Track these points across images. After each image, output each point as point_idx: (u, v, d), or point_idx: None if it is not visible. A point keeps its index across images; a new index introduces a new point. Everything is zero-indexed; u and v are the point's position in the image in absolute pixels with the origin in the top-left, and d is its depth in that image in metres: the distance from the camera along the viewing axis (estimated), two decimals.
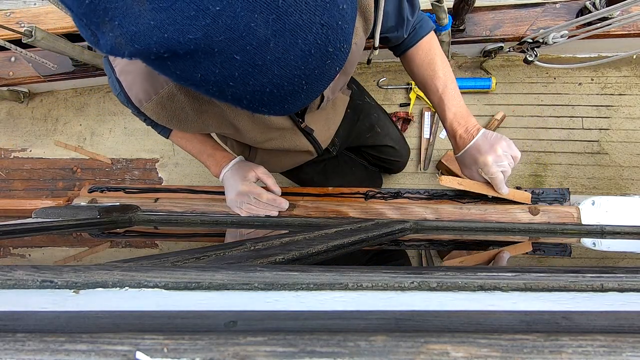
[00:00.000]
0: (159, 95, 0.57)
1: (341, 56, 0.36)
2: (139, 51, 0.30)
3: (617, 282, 0.25)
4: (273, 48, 0.31)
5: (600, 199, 0.67)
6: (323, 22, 0.32)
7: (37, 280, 0.24)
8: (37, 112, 1.71)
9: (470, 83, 1.39)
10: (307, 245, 0.41)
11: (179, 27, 0.28)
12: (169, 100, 0.58)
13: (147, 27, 0.28)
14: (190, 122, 0.64)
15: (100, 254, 0.55)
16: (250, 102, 0.37)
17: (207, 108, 0.62)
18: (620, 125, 1.35)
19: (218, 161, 0.81)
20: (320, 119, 0.83)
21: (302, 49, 0.32)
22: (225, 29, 0.29)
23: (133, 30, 0.28)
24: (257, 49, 0.30)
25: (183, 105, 0.59)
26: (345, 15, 0.33)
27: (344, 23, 0.34)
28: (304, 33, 0.31)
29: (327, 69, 0.36)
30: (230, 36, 0.29)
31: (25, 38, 1.05)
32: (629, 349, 0.16)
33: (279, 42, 0.31)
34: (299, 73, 0.34)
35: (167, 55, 0.30)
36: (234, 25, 0.28)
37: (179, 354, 0.15)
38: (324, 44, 0.33)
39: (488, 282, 0.25)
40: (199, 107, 0.61)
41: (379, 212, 0.74)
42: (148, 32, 0.28)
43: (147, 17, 0.28)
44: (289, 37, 0.31)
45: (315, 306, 0.22)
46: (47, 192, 1.66)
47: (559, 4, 1.20)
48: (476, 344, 0.16)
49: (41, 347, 0.15)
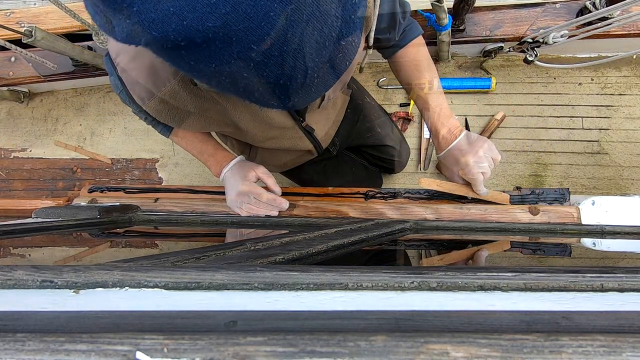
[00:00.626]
0: (162, 93, 0.57)
1: (352, 50, 0.36)
2: (156, 39, 0.29)
3: (617, 282, 0.25)
4: (290, 39, 0.31)
5: (600, 199, 0.67)
6: (338, 14, 0.32)
7: (37, 280, 0.24)
8: (37, 112, 1.71)
9: (470, 83, 1.39)
10: (307, 245, 0.41)
11: (199, 15, 0.28)
12: (171, 98, 0.58)
13: (167, 14, 0.28)
14: (192, 120, 0.64)
15: (100, 254, 0.55)
16: (261, 95, 0.37)
17: (209, 106, 0.62)
18: (620, 125, 1.35)
19: (219, 161, 0.81)
20: (321, 118, 0.84)
21: (317, 41, 0.32)
22: (245, 18, 0.28)
23: (152, 17, 0.28)
24: (274, 40, 0.30)
25: (185, 102, 0.59)
26: (357, 10, 0.34)
27: (356, 17, 0.34)
28: (320, 24, 0.31)
29: (339, 62, 0.36)
30: (249, 25, 0.29)
31: (25, 38, 1.05)
32: (629, 349, 0.16)
33: (296, 33, 0.31)
34: (313, 65, 0.34)
35: (184, 43, 0.30)
36: (253, 14, 0.28)
37: (179, 354, 0.15)
38: (337, 36, 0.33)
39: (488, 282, 0.25)
40: (201, 105, 0.61)
41: (379, 212, 0.74)
42: (167, 19, 0.28)
43: (166, 4, 0.27)
44: (305, 28, 0.31)
45: (315, 306, 0.22)
46: (47, 192, 1.66)
47: (559, 4, 1.20)
48: (476, 344, 0.16)
49: (41, 347, 0.15)
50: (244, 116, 0.66)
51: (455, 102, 1.44)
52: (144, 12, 0.28)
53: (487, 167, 0.67)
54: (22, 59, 1.46)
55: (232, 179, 0.78)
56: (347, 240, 0.47)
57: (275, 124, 0.71)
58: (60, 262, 0.48)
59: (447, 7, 1.08)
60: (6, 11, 1.40)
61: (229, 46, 0.30)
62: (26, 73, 1.48)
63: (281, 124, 0.72)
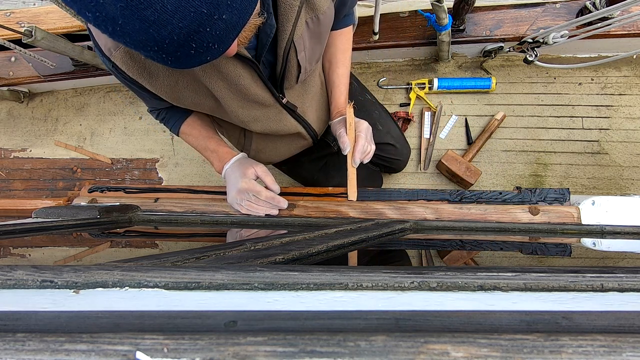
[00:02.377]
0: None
1: (226, 9, 0.40)
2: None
3: (617, 282, 0.25)
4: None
5: (600, 199, 0.67)
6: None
7: (37, 280, 0.24)
8: (37, 112, 1.71)
9: (470, 83, 1.39)
10: (307, 245, 0.41)
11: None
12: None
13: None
14: (161, 78, 0.65)
15: (100, 254, 0.55)
16: (155, 52, 0.41)
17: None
18: (620, 125, 1.35)
19: (221, 157, 0.83)
20: (303, 94, 0.84)
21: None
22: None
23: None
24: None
25: None
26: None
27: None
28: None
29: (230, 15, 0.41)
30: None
31: (25, 38, 1.05)
32: (629, 349, 0.16)
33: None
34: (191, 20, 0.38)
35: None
36: None
37: (179, 354, 0.15)
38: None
39: (488, 282, 0.25)
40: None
41: (379, 212, 0.74)
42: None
43: None
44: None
45: (315, 306, 0.22)
46: (47, 192, 1.66)
47: (559, 4, 1.20)
48: (476, 344, 0.16)
49: (41, 347, 0.15)
50: (217, 83, 0.67)
51: (455, 102, 1.44)
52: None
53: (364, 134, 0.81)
54: (22, 59, 1.46)
55: (232, 176, 0.79)
56: (347, 240, 0.47)
57: (252, 97, 0.72)
58: (60, 262, 0.48)
59: (447, 7, 1.08)
60: (6, 11, 1.40)
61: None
62: (26, 73, 1.48)
63: (259, 98, 0.72)
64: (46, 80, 1.48)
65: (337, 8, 0.73)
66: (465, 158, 1.36)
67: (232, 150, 0.84)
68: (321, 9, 0.65)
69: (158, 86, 0.66)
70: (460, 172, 1.32)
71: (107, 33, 0.39)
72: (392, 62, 1.49)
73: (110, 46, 0.59)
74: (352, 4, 0.80)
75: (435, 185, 1.45)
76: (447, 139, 1.44)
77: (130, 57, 0.60)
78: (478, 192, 0.75)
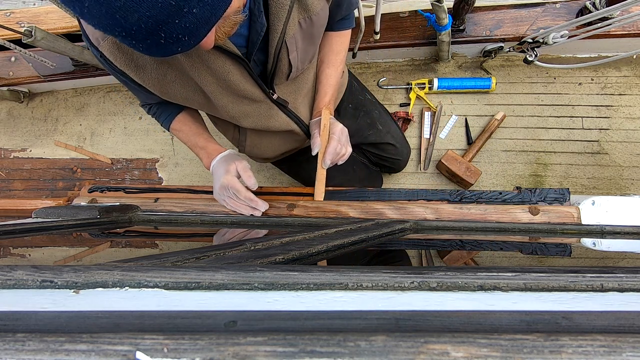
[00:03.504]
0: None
1: (196, 3, 0.41)
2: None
3: (617, 282, 0.25)
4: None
5: (600, 199, 0.67)
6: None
7: (37, 280, 0.24)
8: (37, 112, 1.71)
9: (470, 83, 1.39)
10: (307, 245, 0.41)
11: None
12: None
13: None
14: (148, 70, 0.65)
15: (100, 254, 0.55)
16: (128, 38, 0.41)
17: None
18: (620, 125, 1.35)
19: (209, 153, 0.84)
20: (296, 91, 0.84)
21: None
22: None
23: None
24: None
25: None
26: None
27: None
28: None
29: (182, 14, 0.41)
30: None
31: (25, 38, 1.05)
32: (629, 349, 0.16)
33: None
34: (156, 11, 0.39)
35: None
36: None
37: (179, 354, 0.15)
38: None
39: (488, 282, 0.25)
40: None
41: (379, 212, 0.74)
42: None
43: None
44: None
45: (315, 306, 0.22)
46: (47, 192, 1.66)
47: (559, 4, 1.20)
48: (476, 344, 0.16)
49: (41, 347, 0.15)
50: (206, 77, 0.67)
51: (455, 102, 1.44)
52: None
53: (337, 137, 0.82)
54: (22, 59, 1.46)
55: (217, 172, 0.80)
56: (347, 240, 0.47)
57: (241, 93, 0.72)
58: (60, 262, 0.48)
59: (447, 7, 1.08)
60: (6, 11, 1.40)
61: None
62: (26, 73, 1.48)
63: (248, 93, 0.72)
64: (46, 80, 1.48)
65: (331, 10, 0.73)
66: (465, 158, 1.36)
67: (220, 147, 0.84)
68: (314, 10, 0.65)
69: (146, 79, 0.66)
70: (460, 172, 1.32)
71: (77, 14, 0.40)
72: (392, 62, 1.49)
73: (98, 36, 0.59)
74: (348, 7, 0.79)
75: (435, 185, 1.45)
76: (447, 139, 1.44)
77: (117, 47, 0.60)
78: (478, 192, 0.75)
